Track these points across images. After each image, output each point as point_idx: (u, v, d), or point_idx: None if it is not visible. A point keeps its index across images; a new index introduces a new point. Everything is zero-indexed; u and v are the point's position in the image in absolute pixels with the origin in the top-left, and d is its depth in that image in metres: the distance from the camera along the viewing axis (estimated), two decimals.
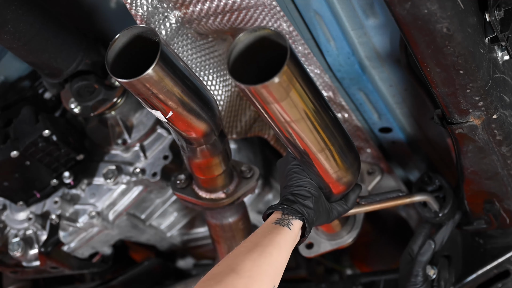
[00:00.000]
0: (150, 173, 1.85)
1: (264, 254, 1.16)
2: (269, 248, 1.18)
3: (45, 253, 1.84)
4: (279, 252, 1.19)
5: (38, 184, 1.87)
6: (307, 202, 1.28)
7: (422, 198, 1.57)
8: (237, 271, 1.12)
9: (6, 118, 1.85)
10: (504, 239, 1.68)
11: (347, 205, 1.41)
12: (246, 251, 1.17)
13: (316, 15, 1.46)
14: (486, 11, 1.08)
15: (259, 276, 1.13)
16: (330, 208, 1.37)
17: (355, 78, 1.64)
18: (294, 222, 1.25)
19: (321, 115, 1.12)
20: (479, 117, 1.20)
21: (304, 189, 1.31)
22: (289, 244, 1.23)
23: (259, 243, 1.19)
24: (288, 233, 1.23)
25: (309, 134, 1.13)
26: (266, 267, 1.15)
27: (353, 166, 1.32)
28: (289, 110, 1.05)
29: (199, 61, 1.64)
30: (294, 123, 1.09)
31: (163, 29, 1.50)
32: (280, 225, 1.24)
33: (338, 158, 1.25)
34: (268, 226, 1.25)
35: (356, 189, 1.43)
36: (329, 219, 1.38)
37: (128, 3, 1.42)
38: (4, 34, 1.54)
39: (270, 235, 1.21)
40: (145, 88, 1.10)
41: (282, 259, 1.20)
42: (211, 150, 1.43)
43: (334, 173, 1.28)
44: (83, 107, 1.77)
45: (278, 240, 1.21)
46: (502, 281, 1.72)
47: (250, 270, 1.13)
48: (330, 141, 1.19)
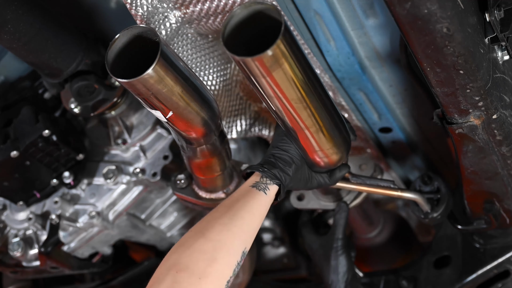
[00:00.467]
0: (150, 173, 1.85)
1: (236, 218, 1.18)
2: (241, 212, 1.20)
3: (45, 253, 1.84)
4: (251, 216, 1.21)
5: (38, 184, 1.87)
6: (287, 168, 1.31)
7: (412, 196, 1.56)
8: (206, 236, 1.14)
9: (6, 118, 1.85)
10: (504, 239, 1.68)
11: (329, 180, 1.43)
12: (218, 216, 1.19)
13: (316, 15, 1.46)
14: (486, 11, 1.08)
15: (229, 240, 1.15)
16: (310, 176, 1.38)
17: (355, 78, 1.64)
18: (271, 187, 1.28)
19: (311, 92, 1.14)
20: (479, 117, 1.20)
21: (287, 154, 1.33)
22: (263, 208, 1.25)
23: (232, 207, 1.21)
24: (263, 197, 1.26)
25: (299, 109, 1.15)
26: (236, 230, 1.17)
27: (341, 146, 1.34)
28: (280, 83, 1.06)
29: (199, 61, 1.64)
30: (284, 97, 1.10)
31: (163, 29, 1.50)
32: (257, 189, 1.26)
33: (327, 135, 1.26)
34: (245, 189, 1.27)
35: (343, 168, 1.44)
36: (306, 187, 1.40)
37: (128, 3, 1.42)
38: (4, 34, 1.54)
39: (244, 198, 1.24)
40: (145, 88, 1.10)
41: (254, 223, 1.22)
42: (211, 150, 1.43)
43: (320, 151, 1.30)
44: (83, 107, 1.77)
45: (252, 204, 1.23)
46: (502, 281, 1.72)
47: (219, 233, 1.15)
48: (320, 119, 1.21)
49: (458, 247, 1.78)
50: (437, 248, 1.84)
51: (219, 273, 1.12)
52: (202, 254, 1.11)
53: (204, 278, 1.09)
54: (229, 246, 1.15)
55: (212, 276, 1.10)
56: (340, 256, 1.62)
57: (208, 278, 1.09)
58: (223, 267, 1.12)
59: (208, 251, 1.12)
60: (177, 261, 1.11)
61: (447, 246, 1.82)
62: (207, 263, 1.10)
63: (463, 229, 1.67)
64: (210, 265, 1.10)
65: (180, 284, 1.07)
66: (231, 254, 1.15)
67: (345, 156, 1.40)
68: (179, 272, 1.08)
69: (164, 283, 1.07)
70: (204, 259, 1.11)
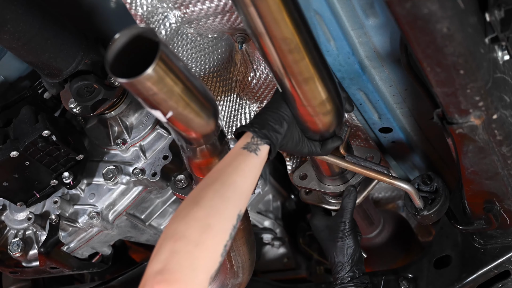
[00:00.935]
0: (150, 173, 1.84)
1: (228, 183, 1.20)
2: (233, 176, 1.21)
3: (44, 253, 1.84)
4: (243, 179, 1.22)
5: (37, 184, 1.87)
6: (277, 127, 1.32)
7: (404, 186, 1.56)
8: (200, 203, 1.16)
9: (6, 118, 1.85)
10: (504, 239, 1.67)
11: (321, 149, 1.44)
12: (210, 182, 1.20)
13: (316, 14, 1.46)
14: (486, 11, 1.08)
15: (222, 205, 1.16)
16: (301, 139, 1.40)
17: (355, 78, 1.64)
18: (262, 147, 1.28)
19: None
20: (480, 117, 1.20)
21: (278, 113, 1.34)
22: (255, 169, 1.26)
23: (224, 172, 1.22)
24: (254, 158, 1.27)
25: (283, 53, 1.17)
26: (229, 194, 1.18)
27: (331, 108, 1.35)
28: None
29: (199, 61, 1.64)
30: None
31: (163, 29, 1.50)
32: (248, 150, 1.27)
33: (315, 89, 1.28)
34: (236, 152, 1.28)
35: (336, 140, 1.46)
36: (296, 148, 1.40)
37: (128, 3, 1.42)
38: (3, 34, 1.53)
39: (235, 162, 1.25)
40: (145, 88, 1.10)
41: (247, 185, 1.23)
42: (211, 150, 1.43)
43: (309, 107, 1.31)
44: (83, 107, 1.77)
45: (243, 167, 1.24)
46: (502, 281, 1.72)
47: (212, 200, 1.16)
48: (307, 70, 1.23)
49: (458, 247, 1.78)
50: (437, 248, 1.84)
51: (215, 238, 1.14)
52: (196, 221, 1.13)
53: (200, 244, 1.11)
54: (222, 211, 1.16)
55: (208, 242, 1.12)
56: (347, 238, 1.65)
57: (204, 244, 1.11)
58: (218, 232, 1.14)
59: (202, 218, 1.14)
60: (174, 231, 1.13)
61: (447, 246, 1.82)
62: (201, 230, 1.12)
63: (463, 229, 1.67)
64: (205, 232, 1.12)
65: (178, 253, 1.09)
66: (225, 219, 1.16)
67: (337, 123, 1.41)
68: (176, 242, 1.11)
69: (163, 253, 1.10)
70: (199, 226, 1.13)
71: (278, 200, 2.40)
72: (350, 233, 1.66)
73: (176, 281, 1.06)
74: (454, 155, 1.37)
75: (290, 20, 1.11)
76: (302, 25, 1.15)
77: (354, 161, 1.56)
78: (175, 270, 1.07)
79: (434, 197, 1.60)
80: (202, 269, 1.10)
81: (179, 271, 1.07)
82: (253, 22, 1.11)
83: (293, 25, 1.13)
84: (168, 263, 1.08)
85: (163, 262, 1.08)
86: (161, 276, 1.06)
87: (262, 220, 2.36)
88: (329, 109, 1.36)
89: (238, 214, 1.19)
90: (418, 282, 1.86)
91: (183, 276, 1.07)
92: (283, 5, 1.08)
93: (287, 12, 1.10)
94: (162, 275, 1.06)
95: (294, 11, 1.11)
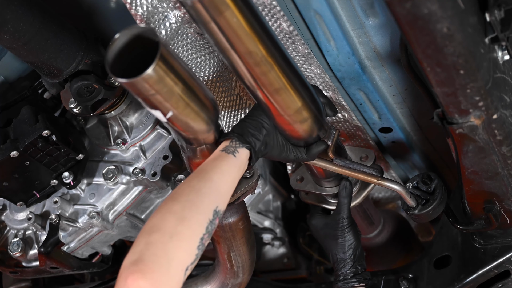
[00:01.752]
0: (150, 173, 1.84)
1: (204, 179, 1.24)
2: (209, 173, 1.25)
3: (44, 253, 1.84)
4: (220, 176, 1.26)
5: (37, 184, 1.87)
6: (256, 133, 1.35)
7: (393, 186, 1.57)
8: (176, 198, 1.19)
9: (6, 118, 1.85)
10: (504, 239, 1.67)
11: (306, 154, 1.47)
12: (188, 180, 1.24)
13: (316, 14, 1.46)
14: (486, 11, 1.08)
15: (197, 199, 1.19)
16: (285, 146, 1.43)
17: (355, 78, 1.64)
18: (240, 150, 1.32)
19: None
20: (480, 117, 1.20)
21: (257, 120, 1.38)
22: (233, 169, 1.29)
23: (202, 170, 1.27)
24: (232, 159, 1.30)
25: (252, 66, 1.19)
26: (205, 190, 1.21)
27: (308, 115, 1.37)
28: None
29: (199, 61, 1.64)
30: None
31: (163, 29, 1.50)
32: (226, 152, 1.31)
33: (294, 96, 1.30)
34: (215, 154, 1.32)
35: (320, 144, 1.48)
36: (281, 155, 1.43)
37: (128, 3, 1.42)
38: (3, 34, 1.53)
39: (214, 162, 1.29)
40: (145, 88, 1.10)
41: (224, 183, 1.26)
42: (211, 150, 1.43)
43: (286, 116, 1.33)
44: (83, 107, 1.77)
45: (221, 166, 1.28)
46: (502, 281, 1.72)
47: (188, 194, 1.20)
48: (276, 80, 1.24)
49: (458, 247, 1.78)
50: (437, 248, 1.84)
51: (190, 230, 1.16)
52: (171, 214, 1.16)
53: (175, 235, 1.13)
54: (198, 205, 1.19)
55: (183, 234, 1.14)
56: (347, 234, 1.66)
57: (179, 235, 1.14)
58: (193, 225, 1.17)
59: (177, 211, 1.17)
60: (150, 225, 1.16)
61: (447, 246, 1.82)
62: (176, 222, 1.15)
63: (463, 229, 1.67)
64: (180, 224, 1.15)
65: (153, 244, 1.11)
66: (201, 213, 1.19)
67: (317, 128, 1.43)
68: (151, 234, 1.13)
69: (139, 246, 1.12)
70: (174, 219, 1.15)
71: (278, 200, 2.40)
72: (350, 229, 1.66)
73: (150, 271, 1.08)
74: (454, 155, 1.37)
75: (253, 34, 1.12)
76: (265, 37, 1.15)
77: (342, 164, 1.58)
78: (149, 261, 1.09)
79: (428, 199, 1.60)
80: (177, 260, 1.12)
81: (154, 262, 1.09)
82: (216, 38, 1.12)
83: (256, 38, 1.13)
84: (143, 254, 1.09)
85: (138, 254, 1.10)
86: (136, 267, 1.08)
87: (262, 220, 2.36)
88: (306, 117, 1.37)
89: (215, 210, 1.22)
90: (418, 282, 1.86)
91: (157, 267, 1.09)
92: (244, 19, 1.09)
93: (248, 25, 1.10)
94: (137, 265, 1.08)
95: (255, 24, 1.12)
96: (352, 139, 1.90)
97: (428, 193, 1.62)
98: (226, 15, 1.06)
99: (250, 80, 1.23)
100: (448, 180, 2.12)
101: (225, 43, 1.12)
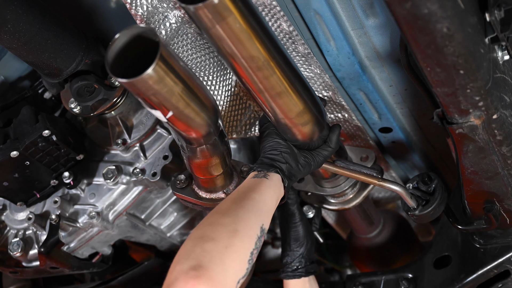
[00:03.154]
0: (150, 173, 1.85)
1: (247, 197, 1.27)
2: (250, 193, 1.28)
3: (44, 253, 1.84)
4: (260, 196, 1.29)
5: (37, 184, 1.87)
6: (278, 157, 1.40)
7: (394, 188, 1.57)
8: (223, 212, 1.22)
9: (6, 118, 1.85)
10: (504, 239, 1.67)
11: (330, 146, 1.49)
12: (229, 200, 1.27)
13: (316, 14, 1.46)
14: (486, 11, 1.08)
15: (245, 215, 1.22)
16: (311, 157, 1.46)
17: (355, 78, 1.64)
18: (271, 174, 1.36)
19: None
20: (480, 117, 1.20)
21: (273, 149, 1.42)
22: (269, 190, 1.33)
23: (241, 192, 1.30)
24: (266, 181, 1.34)
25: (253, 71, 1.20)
26: (250, 208, 1.25)
27: (312, 118, 1.38)
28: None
29: (199, 61, 1.64)
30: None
31: (163, 29, 1.50)
32: (258, 177, 1.34)
33: (296, 99, 1.31)
34: (246, 181, 1.35)
35: (335, 129, 1.50)
36: (312, 168, 1.47)
37: (128, 3, 1.42)
38: (3, 34, 1.53)
39: (249, 185, 1.32)
40: (145, 88, 1.10)
41: (266, 202, 1.30)
42: (211, 150, 1.43)
43: (288, 119, 1.35)
44: (83, 107, 1.77)
45: (259, 187, 1.31)
46: (502, 281, 1.72)
47: (236, 210, 1.23)
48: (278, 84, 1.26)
49: (458, 247, 1.78)
50: (437, 248, 1.84)
51: (242, 243, 1.18)
52: (223, 227, 1.18)
53: (229, 247, 1.15)
54: (246, 220, 1.22)
55: (236, 246, 1.16)
56: (298, 227, 1.79)
57: (233, 247, 1.15)
58: (245, 238, 1.19)
59: (229, 224, 1.18)
60: (203, 235, 1.16)
61: (447, 246, 1.82)
62: (229, 234, 1.17)
63: (463, 229, 1.66)
64: (233, 236, 1.17)
65: (209, 253, 1.12)
66: (250, 227, 1.21)
67: (319, 131, 1.44)
68: (206, 243, 1.14)
69: (194, 252, 1.12)
70: (226, 231, 1.17)
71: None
72: (300, 224, 1.78)
73: (209, 278, 1.08)
74: (454, 155, 1.37)
75: (255, 39, 1.13)
76: (267, 41, 1.16)
77: (343, 165, 1.59)
78: (208, 267, 1.09)
79: (429, 199, 1.60)
80: (232, 271, 1.13)
81: (212, 269, 1.09)
82: (218, 44, 1.12)
83: (258, 43, 1.14)
84: (201, 261, 1.10)
85: (196, 260, 1.10)
86: (196, 272, 1.08)
87: None
88: (307, 119, 1.39)
89: (261, 227, 1.24)
90: (418, 282, 1.86)
91: (216, 275, 1.09)
92: (246, 25, 1.09)
93: (251, 31, 1.11)
94: (197, 271, 1.08)
95: (258, 29, 1.12)
96: (352, 139, 1.90)
97: (428, 193, 1.62)
98: (229, 21, 1.06)
99: (252, 84, 1.24)
100: (448, 180, 2.12)
101: (228, 48, 1.12)
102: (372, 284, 1.93)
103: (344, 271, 2.62)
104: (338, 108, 1.75)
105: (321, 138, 1.48)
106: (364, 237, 2.15)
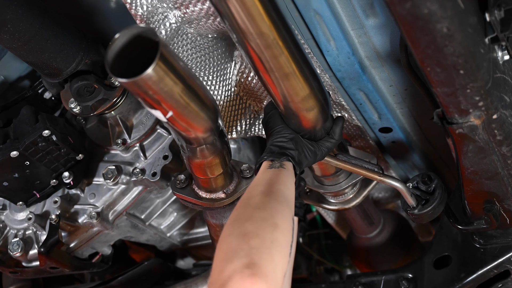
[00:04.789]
0: (150, 173, 1.84)
1: (275, 189, 1.24)
2: (276, 185, 1.26)
3: (44, 253, 1.84)
4: (285, 187, 1.27)
5: (37, 184, 1.87)
6: (287, 144, 1.38)
7: (395, 184, 1.57)
8: (258, 206, 1.19)
9: (6, 118, 1.85)
10: (504, 239, 1.67)
11: (334, 138, 1.47)
12: (258, 192, 1.23)
13: (316, 14, 1.46)
14: (486, 11, 1.08)
15: (279, 207, 1.20)
16: (317, 146, 1.44)
17: (355, 78, 1.64)
18: (285, 163, 1.34)
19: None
20: (480, 117, 1.20)
21: (281, 135, 1.40)
22: (291, 180, 1.32)
23: (266, 184, 1.26)
24: (285, 171, 1.32)
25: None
26: (281, 199, 1.22)
27: (317, 104, 1.36)
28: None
29: (199, 61, 1.64)
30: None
31: (163, 29, 1.50)
32: (275, 168, 1.32)
33: (303, 83, 1.30)
34: (265, 173, 1.32)
35: (338, 121, 1.48)
36: (317, 158, 1.45)
37: (128, 3, 1.42)
38: (3, 34, 1.53)
39: (271, 176, 1.29)
40: (145, 88, 1.10)
41: (291, 193, 1.28)
42: (211, 150, 1.43)
43: (294, 103, 1.33)
44: (83, 107, 1.77)
45: (281, 178, 1.29)
46: (502, 281, 1.71)
47: (270, 203, 1.20)
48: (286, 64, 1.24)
49: (458, 247, 1.78)
50: (437, 248, 1.84)
51: (284, 236, 1.16)
52: (264, 221, 1.15)
53: (275, 241, 1.12)
54: (281, 213, 1.19)
55: (280, 240, 1.14)
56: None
57: (278, 241, 1.13)
58: (284, 231, 1.17)
59: (269, 218, 1.16)
60: (245, 231, 1.13)
61: (447, 246, 1.82)
62: (271, 229, 1.14)
63: (463, 229, 1.66)
64: (275, 230, 1.14)
65: (258, 249, 1.09)
66: (285, 220, 1.19)
67: (323, 120, 1.42)
68: (251, 239, 1.11)
69: (243, 251, 1.08)
70: (268, 225, 1.15)
71: None
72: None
73: (264, 275, 1.05)
74: (454, 155, 1.37)
75: (266, 15, 1.12)
76: (279, 21, 1.16)
77: (345, 159, 1.58)
78: (261, 265, 1.06)
79: (428, 199, 1.60)
80: (280, 265, 1.11)
81: (265, 266, 1.06)
82: (230, 18, 1.12)
83: (269, 20, 1.13)
84: (253, 259, 1.06)
85: (247, 257, 1.06)
86: (250, 270, 1.04)
87: None
88: (313, 105, 1.36)
89: (293, 218, 1.22)
90: (418, 282, 1.86)
91: (269, 272, 1.06)
92: (258, 0, 1.09)
93: (262, 7, 1.11)
94: (251, 269, 1.05)
95: (269, 7, 1.13)
96: (352, 139, 1.90)
97: (428, 193, 1.62)
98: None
99: (260, 63, 1.22)
100: (448, 180, 2.12)
101: (239, 23, 1.12)
102: (372, 284, 1.93)
103: (344, 271, 2.62)
104: (338, 108, 1.75)
105: (325, 129, 1.46)
106: (364, 237, 2.14)
